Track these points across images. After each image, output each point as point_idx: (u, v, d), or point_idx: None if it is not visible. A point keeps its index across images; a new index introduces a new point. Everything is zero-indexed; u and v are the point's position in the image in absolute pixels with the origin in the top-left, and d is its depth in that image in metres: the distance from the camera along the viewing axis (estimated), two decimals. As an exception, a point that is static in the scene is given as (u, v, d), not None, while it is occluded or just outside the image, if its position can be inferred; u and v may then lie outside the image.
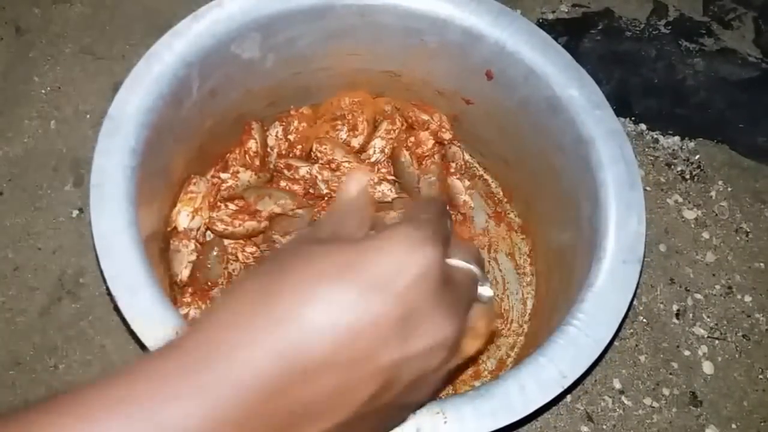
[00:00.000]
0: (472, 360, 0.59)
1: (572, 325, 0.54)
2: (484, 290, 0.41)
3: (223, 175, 0.72)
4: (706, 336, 0.75)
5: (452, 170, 0.79)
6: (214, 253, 0.71)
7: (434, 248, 0.35)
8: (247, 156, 0.74)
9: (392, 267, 0.34)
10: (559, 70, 0.65)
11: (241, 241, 0.72)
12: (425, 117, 0.78)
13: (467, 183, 0.78)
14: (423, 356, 0.35)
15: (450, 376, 0.46)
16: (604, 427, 0.70)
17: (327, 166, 0.75)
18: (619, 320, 0.54)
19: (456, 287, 0.38)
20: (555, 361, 0.51)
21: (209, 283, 0.70)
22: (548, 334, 0.55)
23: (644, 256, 0.72)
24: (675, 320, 0.75)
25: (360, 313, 0.32)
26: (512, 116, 0.71)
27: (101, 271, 0.53)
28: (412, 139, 0.78)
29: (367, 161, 0.77)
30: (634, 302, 0.75)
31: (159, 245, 0.67)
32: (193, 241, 0.70)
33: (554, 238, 0.72)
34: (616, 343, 0.73)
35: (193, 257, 0.70)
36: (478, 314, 0.41)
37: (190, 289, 0.69)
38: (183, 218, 0.70)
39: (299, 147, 0.77)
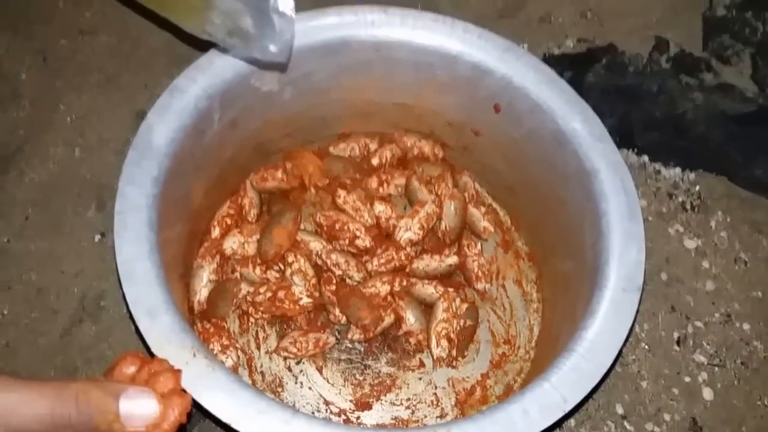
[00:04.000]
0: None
1: (575, 351, 0.56)
2: None
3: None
4: (706, 363, 0.76)
5: (466, 199, 0.82)
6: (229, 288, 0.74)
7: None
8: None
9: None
10: (563, 105, 0.68)
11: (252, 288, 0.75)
12: (413, 141, 0.83)
13: (483, 210, 0.81)
14: None
15: None
16: (607, 450, 0.71)
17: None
18: (619, 347, 0.56)
19: None
20: (557, 386, 0.54)
21: (222, 317, 0.74)
22: (552, 360, 0.57)
23: (644, 285, 0.74)
24: (676, 347, 0.77)
25: None
26: (519, 147, 0.74)
27: (123, 296, 0.56)
28: (421, 169, 0.82)
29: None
30: (636, 329, 0.77)
31: (179, 270, 0.69)
32: (217, 257, 0.74)
33: (559, 265, 0.74)
34: (618, 369, 0.75)
35: (213, 277, 0.74)
36: None
37: (208, 325, 0.72)
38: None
39: None
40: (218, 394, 0.53)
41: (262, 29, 0.60)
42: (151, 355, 0.54)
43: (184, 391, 0.49)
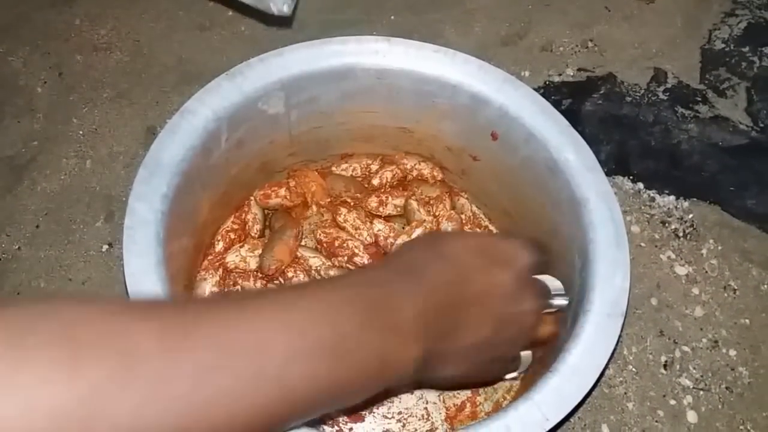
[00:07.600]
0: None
1: (558, 371, 0.58)
2: (559, 300, 0.61)
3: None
4: (691, 387, 0.78)
5: (462, 221, 0.84)
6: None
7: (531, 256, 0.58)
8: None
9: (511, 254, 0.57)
10: (557, 135, 0.70)
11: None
12: (413, 163, 0.85)
13: (478, 232, 0.83)
14: (517, 316, 0.56)
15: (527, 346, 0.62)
16: (591, 469, 0.73)
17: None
18: (600, 369, 0.58)
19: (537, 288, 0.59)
20: (540, 405, 0.56)
21: None
22: (537, 379, 0.59)
23: (635, 309, 0.76)
24: (663, 370, 0.79)
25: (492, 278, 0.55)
26: (514, 174, 0.76)
27: (131, 305, 0.59)
28: (420, 190, 0.84)
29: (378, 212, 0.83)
30: (624, 352, 0.79)
31: (183, 282, 0.72)
32: (220, 270, 0.76)
33: (550, 288, 0.76)
34: (605, 390, 0.77)
35: (216, 289, 0.76)
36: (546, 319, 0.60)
37: None
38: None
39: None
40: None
41: None
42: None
43: None
